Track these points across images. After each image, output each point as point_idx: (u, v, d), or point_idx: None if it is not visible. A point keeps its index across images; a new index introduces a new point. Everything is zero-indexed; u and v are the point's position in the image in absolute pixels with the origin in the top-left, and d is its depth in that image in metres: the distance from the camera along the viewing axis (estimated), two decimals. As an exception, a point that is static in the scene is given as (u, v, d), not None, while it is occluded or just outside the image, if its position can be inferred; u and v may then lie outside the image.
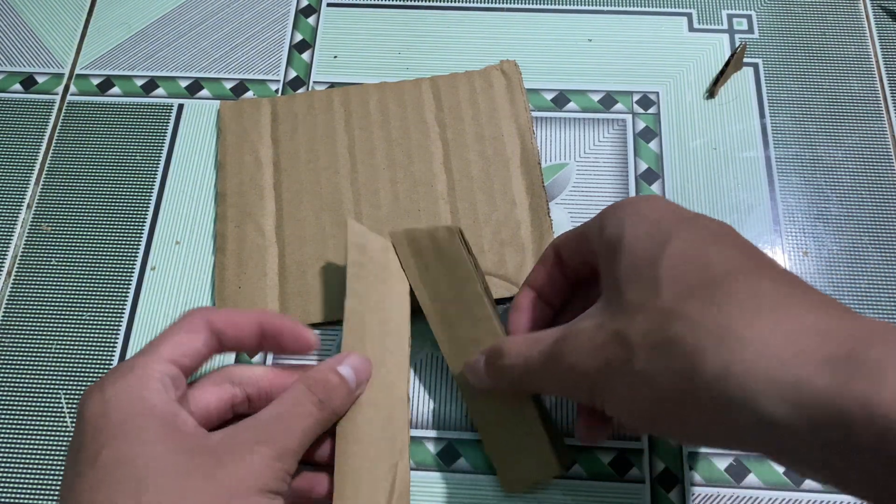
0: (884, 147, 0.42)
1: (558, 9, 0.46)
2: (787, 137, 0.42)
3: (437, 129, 0.41)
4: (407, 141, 0.41)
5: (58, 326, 0.38)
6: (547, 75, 0.44)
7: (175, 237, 0.40)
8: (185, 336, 0.28)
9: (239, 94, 0.44)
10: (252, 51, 0.46)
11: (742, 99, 0.43)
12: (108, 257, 0.40)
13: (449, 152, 0.41)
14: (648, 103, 0.43)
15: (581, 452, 0.35)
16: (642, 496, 0.34)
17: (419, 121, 0.42)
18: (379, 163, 0.41)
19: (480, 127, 0.41)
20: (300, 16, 0.47)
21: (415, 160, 0.41)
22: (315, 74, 0.45)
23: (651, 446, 0.35)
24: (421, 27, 0.46)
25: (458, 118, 0.42)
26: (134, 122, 0.44)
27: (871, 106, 0.43)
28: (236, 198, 0.40)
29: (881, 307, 0.38)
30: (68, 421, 0.36)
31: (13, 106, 0.44)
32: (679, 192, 0.41)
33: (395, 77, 0.44)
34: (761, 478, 0.34)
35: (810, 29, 0.46)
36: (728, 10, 0.46)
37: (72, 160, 0.42)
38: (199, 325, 0.28)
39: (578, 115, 0.43)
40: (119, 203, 0.41)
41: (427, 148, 0.41)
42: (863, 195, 0.41)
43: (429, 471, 0.35)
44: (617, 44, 0.45)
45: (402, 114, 0.42)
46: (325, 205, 0.40)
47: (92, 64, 0.45)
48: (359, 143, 0.41)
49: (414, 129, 0.41)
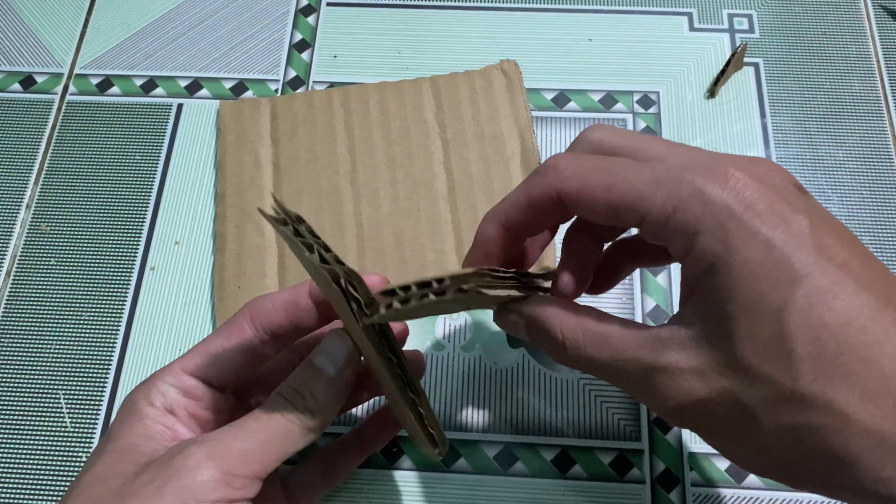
0: (884, 147, 0.42)
1: (558, 8, 0.46)
2: (787, 137, 0.42)
3: (437, 129, 0.41)
4: (407, 140, 0.41)
5: (58, 326, 0.38)
6: (547, 75, 0.44)
7: (175, 237, 0.40)
8: (218, 341, 0.26)
9: (238, 93, 0.44)
10: (252, 50, 0.46)
11: (743, 98, 0.43)
12: (108, 257, 0.40)
13: (449, 152, 0.41)
14: (649, 103, 0.43)
15: (581, 452, 0.35)
16: (643, 496, 0.34)
17: (419, 121, 0.42)
18: (379, 162, 0.41)
19: (480, 126, 0.41)
20: (300, 15, 0.47)
21: (415, 160, 0.41)
22: (315, 74, 0.45)
23: (651, 447, 0.35)
24: (421, 27, 0.46)
25: (458, 118, 0.42)
26: (133, 121, 0.43)
27: (871, 105, 0.43)
28: (236, 198, 0.40)
29: (882, 307, 0.38)
30: (68, 421, 0.36)
31: (12, 106, 0.44)
32: (679, 191, 0.41)
33: (395, 77, 0.44)
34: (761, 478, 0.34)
35: (811, 28, 0.46)
36: (728, 9, 0.46)
37: (71, 160, 0.42)
38: (237, 327, 0.26)
39: (579, 115, 0.43)
40: (119, 203, 0.41)
41: (427, 147, 0.41)
42: (863, 195, 0.41)
43: (429, 471, 0.35)
44: (617, 43, 0.45)
45: (402, 114, 0.42)
46: (325, 204, 0.40)
47: (91, 63, 0.45)
48: (358, 143, 0.41)
49: (414, 129, 0.41)
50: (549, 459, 0.35)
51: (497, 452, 0.35)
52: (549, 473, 0.34)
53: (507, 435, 0.35)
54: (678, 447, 0.35)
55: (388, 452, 0.35)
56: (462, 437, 0.35)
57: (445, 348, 0.37)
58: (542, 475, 0.34)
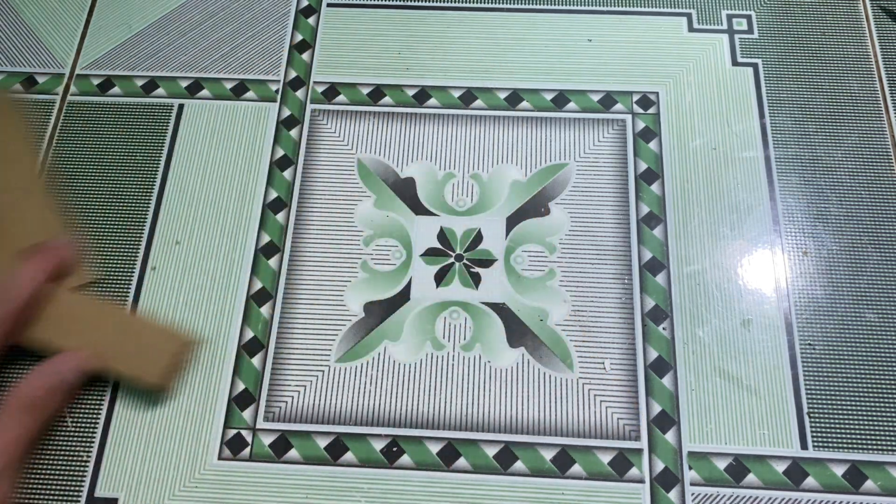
0: (883, 147, 0.42)
1: (558, 9, 0.47)
2: (786, 138, 0.42)
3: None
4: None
5: (58, 326, 0.38)
6: (547, 75, 0.44)
7: (175, 237, 0.40)
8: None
9: (239, 94, 0.44)
10: (252, 51, 0.46)
11: (742, 99, 0.43)
12: (109, 257, 0.40)
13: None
14: (648, 103, 0.43)
15: (580, 452, 0.35)
16: (642, 496, 0.34)
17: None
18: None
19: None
20: (300, 16, 0.47)
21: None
22: (315, 74, 0.45)
23: (650, 446, 0.35)
24: (421, 27, 0.46)
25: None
26: (134, 122, 0.44)
27: (870, 106, 0.43)
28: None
29: (881, 307, 0.38)
30: (68, 421, 0.36)
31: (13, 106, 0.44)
32: (679, 192, 0.41)
33: (396, 77, 0.44)
34: (761, 477, 0.34)
35: (810, 29, 0.46)
36: (728, 10, 0.46)
37: (72, 160, 0.42)
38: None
39: (578, 115, 0.43)
40: (120, 203, 0.41)
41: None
42: (863, 195, 0.41)
43: (429, 471, 0.35)
44: (617, 44, 0.45)
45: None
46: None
47: (92, 64, 0.45)
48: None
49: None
50: (549, 459, 0.35)
51: (497, 452, 0.35)
52: (549, 473, 0.35)
53: (507, 434, 0.35)
54: (677, 447, 0.35)
55: (389, 452, 0.35)
56: (462, 436, 0.35)
57: (445, 348, 0.37)
58: (542, 475, 0.34)
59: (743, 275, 0.39)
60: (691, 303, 0.38)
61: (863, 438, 0.35)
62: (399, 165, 0.42)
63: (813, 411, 0.36)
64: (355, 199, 0.41)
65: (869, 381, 0.36)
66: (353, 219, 0.41)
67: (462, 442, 0.35)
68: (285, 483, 0.35)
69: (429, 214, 0.41)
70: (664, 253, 0.39)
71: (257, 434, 0.36)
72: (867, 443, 0.35)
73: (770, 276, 0.39)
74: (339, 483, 0.34)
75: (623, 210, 0.40)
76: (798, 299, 0.38)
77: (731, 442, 0.35)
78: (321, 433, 0.36)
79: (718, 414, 0.36)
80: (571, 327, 0.38)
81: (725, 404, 0.36)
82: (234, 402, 0.36)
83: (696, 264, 0.39)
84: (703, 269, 0.39)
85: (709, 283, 0.39)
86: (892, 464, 0.35)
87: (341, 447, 0.35)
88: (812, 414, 0.36)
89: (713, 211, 0.40)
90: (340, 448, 0.35)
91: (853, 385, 0.36)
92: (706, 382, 0.36)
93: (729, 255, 0.39)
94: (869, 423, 0.36)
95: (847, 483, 0.34)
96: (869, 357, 0.37)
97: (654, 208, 0.40)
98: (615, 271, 0.39)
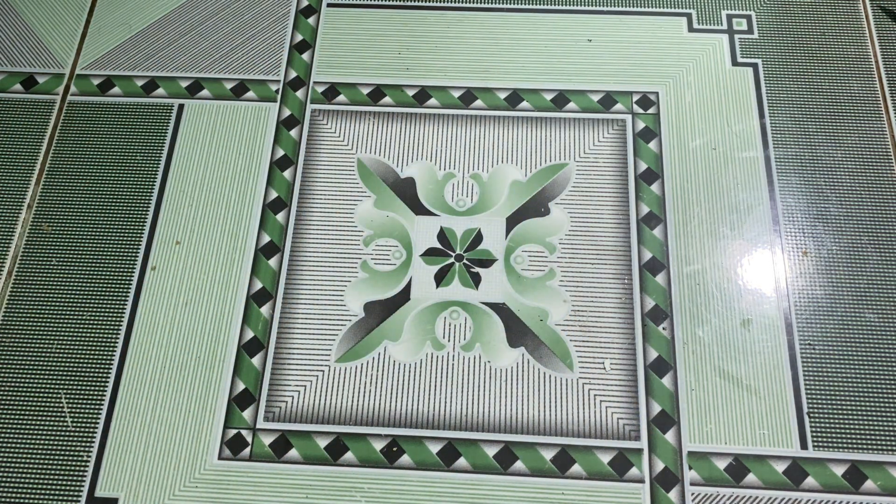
0: (883, 147, 0.42)
1: (558, 9, 0.47)
2: (786, 138, 0.42)
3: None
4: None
5: (58, 326, 0.38)
6: (547, 75, 0.44)
7: (175, 237, 0.40)
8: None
9: (239, 94, 0.44)
10: (252, 51, 0.46)
11: (742, 99, 0.43)
12: (108, 257, 0.40)
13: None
14: (648, 103, 0.43)
15: (580, 452, 0.35)
16: (642, 496, 0.34)
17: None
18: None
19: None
20: (300, 16, 0.47)
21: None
22: (315, 74, 0.45)
23: (650, 446, 0.35)
24: (421, 27, 0.46)
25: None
26: (134, 122, 0.44)
27: (870, 107, 0.43)
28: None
29: (881, 307, 0.38)
30: (68, 421, 0.36)
31: (13, 106, 0.44)
32: (679, 192, 0.41)
33: (396, 77, 0.44)
34: (761, 477, 0.34)
35: (810, 30, 0.46)
36: (728, 10, 0.46)
37: (72, 160, 0.42)
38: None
39: (578, 115, 0.43)
40: (120, 203, 0.41)
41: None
42: (863, 195, 0.41)
43: (429, 471, 0.35)
44: (617, 44, 0.45)
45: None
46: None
47: (92, 64, 0.45)
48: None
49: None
50: (549, 459, 0.35)
51: (497, 452, 0.35)
52: (549, 473, 0.35)
53: (507, 434, 0.35)
54: (677, 447, 0.35)
55: (389, 452, 0.35)
56: (462, 436, 0.35)
57: (445, 348, 0.37)
58: (542, 474, 0.34)
59: (743, 275, 0.39)
60: (691, 303, 0.38)
61: (863, 438, 0.35)
62: (399, 165, 0.42)
63: (813, 411, 0.36)
64: (355, 199, 0.41)
65: (869, 381, 0.36)
66: (353, 219, 0.41)
67: (462, 442, 0.35)
68: (285, 483, 0.35)
69: (429, 214, 0.41)
70: (664, 253, 0.39)
71: (257, 434, 0.36)
72: (867, 443, 0.35)
73: (770, 276, 0.39)
74: (339, 483, 0.34)
75: (623, 210, 0.40)
76: (798, 299, 0.38)
77: (730, 442, 0.35)
78: (321, 433, 0.36)
79: (718, 414, 0.36)
80: (571, 327, 0.38)
81: (725, 404, 0.36)
82: (235, 402, 0.36)
83: (696, 264, 0.39)
84: (703, 269, 0.39)
85: (709, 283, 0.39)
86: (892, 464, 0.35)
87: (341, 447, 0.35)
88: (812, 414, 0.36)
89: (713, 211, 0.40)
90: (340, 448, 0.35)
91: (853, 385, 0.36)
92: (706, 382, 0.36)
93: (729, 255, 0.39)
94: (869, 423, 0.36)
95: (847, 483, 0.34)
96: (869, 357, 0.37)
97: (654, 208, 0.40)
98: (615, 271, 0.39)
